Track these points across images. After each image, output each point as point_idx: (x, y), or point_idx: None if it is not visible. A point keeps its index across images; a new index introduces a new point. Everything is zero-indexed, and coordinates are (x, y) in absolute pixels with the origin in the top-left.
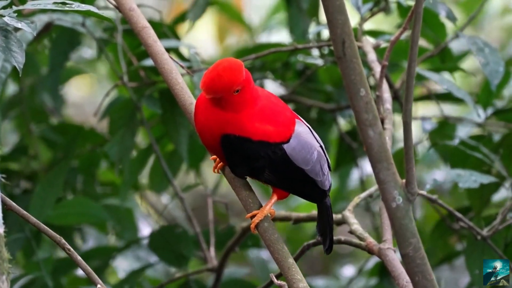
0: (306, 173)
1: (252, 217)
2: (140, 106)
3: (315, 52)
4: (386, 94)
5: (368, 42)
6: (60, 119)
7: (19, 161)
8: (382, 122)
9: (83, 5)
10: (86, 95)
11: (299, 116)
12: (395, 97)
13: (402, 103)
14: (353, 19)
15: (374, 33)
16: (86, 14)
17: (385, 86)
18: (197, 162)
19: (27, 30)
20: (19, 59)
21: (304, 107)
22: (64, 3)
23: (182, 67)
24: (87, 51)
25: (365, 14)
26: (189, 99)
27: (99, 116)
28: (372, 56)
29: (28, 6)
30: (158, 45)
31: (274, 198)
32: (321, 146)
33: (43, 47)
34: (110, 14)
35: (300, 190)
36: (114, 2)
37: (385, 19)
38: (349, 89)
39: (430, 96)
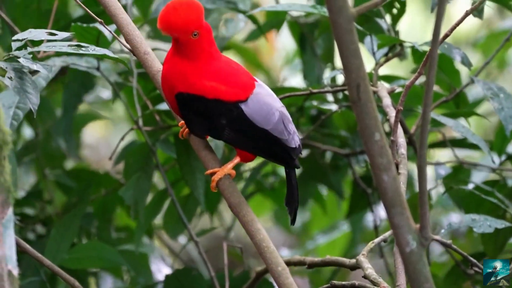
0: (270, 132)
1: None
2: (155, 150)
3: (330, 97)
4: (401, 139)
5: (383, 87)
6: (76, 160)
7: (34, 206)
8: (397, 166)
9: (98, 48)
10: (101, 137)
11: (263, 84)
12: (410, 142)
13: (416, 148)
14: (368, 64)
15: (389, 78)
16: (102, 57)
17: (399, 131)
18: (213, 205)
19: (43, 71)
20: (34, 101)
21: (318, 152)
22: (79, 46)
23: None
24: (104, 91)
25: (380, 59)
26: None
27: (114, 160)
28: (387, 101)
29: (43, 48)
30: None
31: (237, 159)
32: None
33: (59, 90)
34: (125, 57)
35: (264, 150)
36: (129, 46)
37: (400, 64)
38: (363, 134)
39: (445, 142)
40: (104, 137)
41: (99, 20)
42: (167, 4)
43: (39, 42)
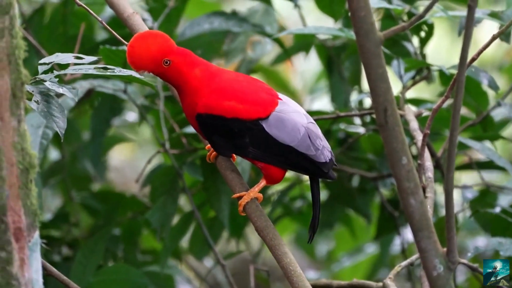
0: (295, 149)
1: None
2: (181, 173)
3: (357, 120)
4: (428, 163)
5: (410, 110)
6: (102, 183)
7: (60, 228)
8: (424, 190)
9: (124, 70)
10: (127, 159)
11: (287, 98)
12: (437, 165)
13: (443, 171)
14: (396, 87)
15: (416, 101)
16: (128, 79)
17: (426, 154)
18: (239, 229)
19: (69, 95)
20: (60, 124)
21: (345, 176)
22: (105, 68)
23: None
24: (130, 114)
25: (408, 82)
26: None
27: (141, 183)
28: (414, 124)
29: (70, 71)
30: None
31: (263, 182)
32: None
33: (85, 112)
34: (152, 80)
35: (293, 164)
36: None
37: (427, 86)
38: (391, 157)
39: (472, 165)
40: (130, 160)
41: (126, 43)
42: (133, 41)
43: (66, 66)
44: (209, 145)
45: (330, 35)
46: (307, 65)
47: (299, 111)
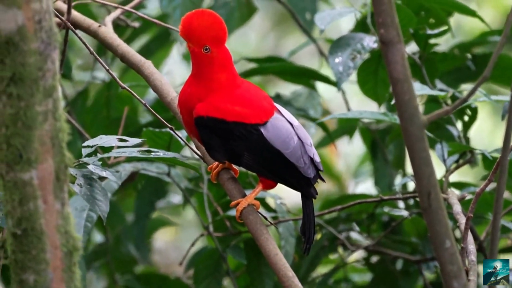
0: (286, 157)
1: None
2: (225, 256)
3: (401, 203)
4: (471, 246)
5: (454, 194)
6: (146, 265)
7: None
8: (467, 273)
9: (168, 152)
10: (171, 241)
11: (282, 108)
12: (480, 249)
13: (486, 254)
14: (439, 170)
15: (459, 185)
16: (171, 162)
17: (469, 237)
18: None
19: (112, 178)
20: (103, 208)
21: (389, 259)
22: (149, 151)
23: (265, 218)
24: (175, 196)
25: (451, 166)
26: None
27: (185, 266)
28: (457, 208)
29: (113, 154)
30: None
31: (259, 187)
32: (311, 144)
33: (129, 195)
34: (196, 163)
35: (282, 175)
36: (199, 152)
37: (471, 170)
38: (434, 241)
39: None
40: (174, 241)
41: (170, 126)
42: (198, 9)
43: (110, 148)
44: (210, 165)
45: (374, 119)
46: (351, 148)
47: (293, 122)
